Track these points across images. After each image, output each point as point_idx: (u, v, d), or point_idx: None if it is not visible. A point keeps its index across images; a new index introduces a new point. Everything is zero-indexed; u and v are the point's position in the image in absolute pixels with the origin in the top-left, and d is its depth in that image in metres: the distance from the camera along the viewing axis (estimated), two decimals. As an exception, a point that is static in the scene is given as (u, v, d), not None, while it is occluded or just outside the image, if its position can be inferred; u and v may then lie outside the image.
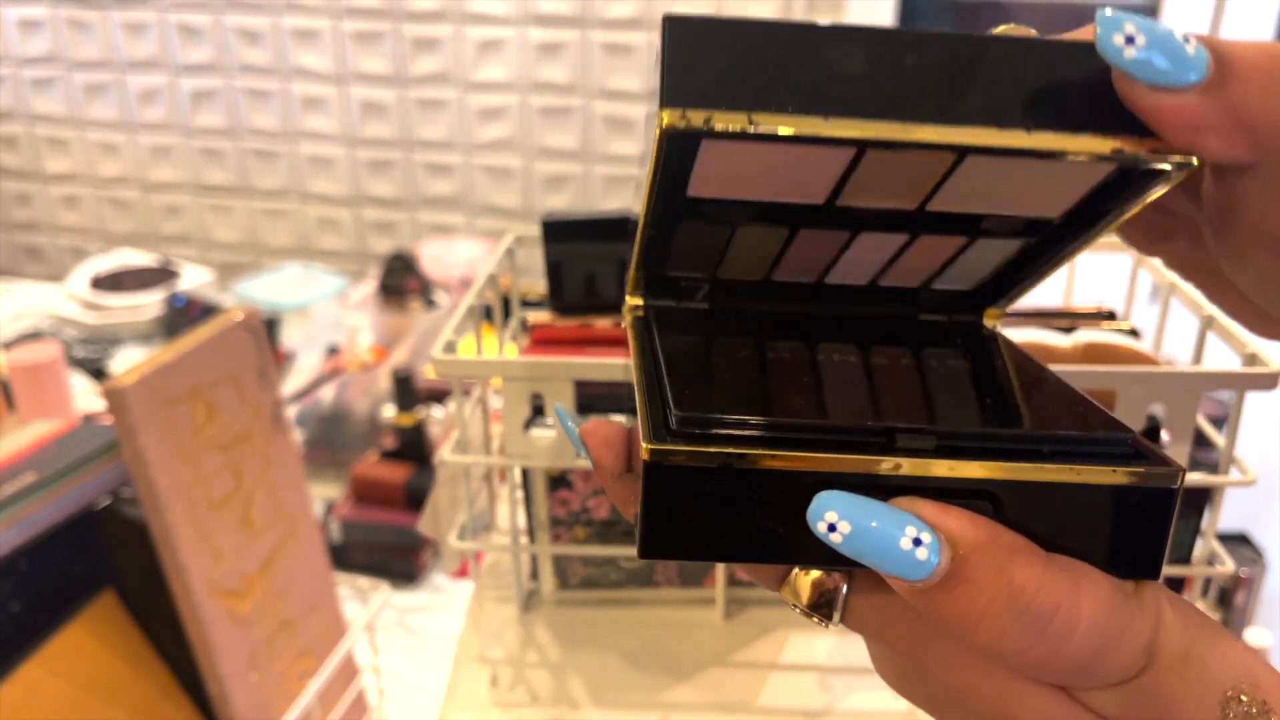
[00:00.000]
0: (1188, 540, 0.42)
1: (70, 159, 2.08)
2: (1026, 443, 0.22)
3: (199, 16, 1.89)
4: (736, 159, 0.24)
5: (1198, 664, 0.20)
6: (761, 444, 0.21)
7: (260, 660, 0.66)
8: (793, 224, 0.27)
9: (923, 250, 0.29)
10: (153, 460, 0.59)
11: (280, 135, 1.95)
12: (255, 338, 0.67)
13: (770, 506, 0.21)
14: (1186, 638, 0.21)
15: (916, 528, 0.20)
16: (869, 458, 0.21)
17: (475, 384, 0.46)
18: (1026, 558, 0.20)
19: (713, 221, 0.27)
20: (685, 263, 0.29)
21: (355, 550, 0.92)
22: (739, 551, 0.22)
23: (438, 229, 1.95)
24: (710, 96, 0.21)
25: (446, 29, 1.79)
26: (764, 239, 0.28)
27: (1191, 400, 0.38)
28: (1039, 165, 0.24)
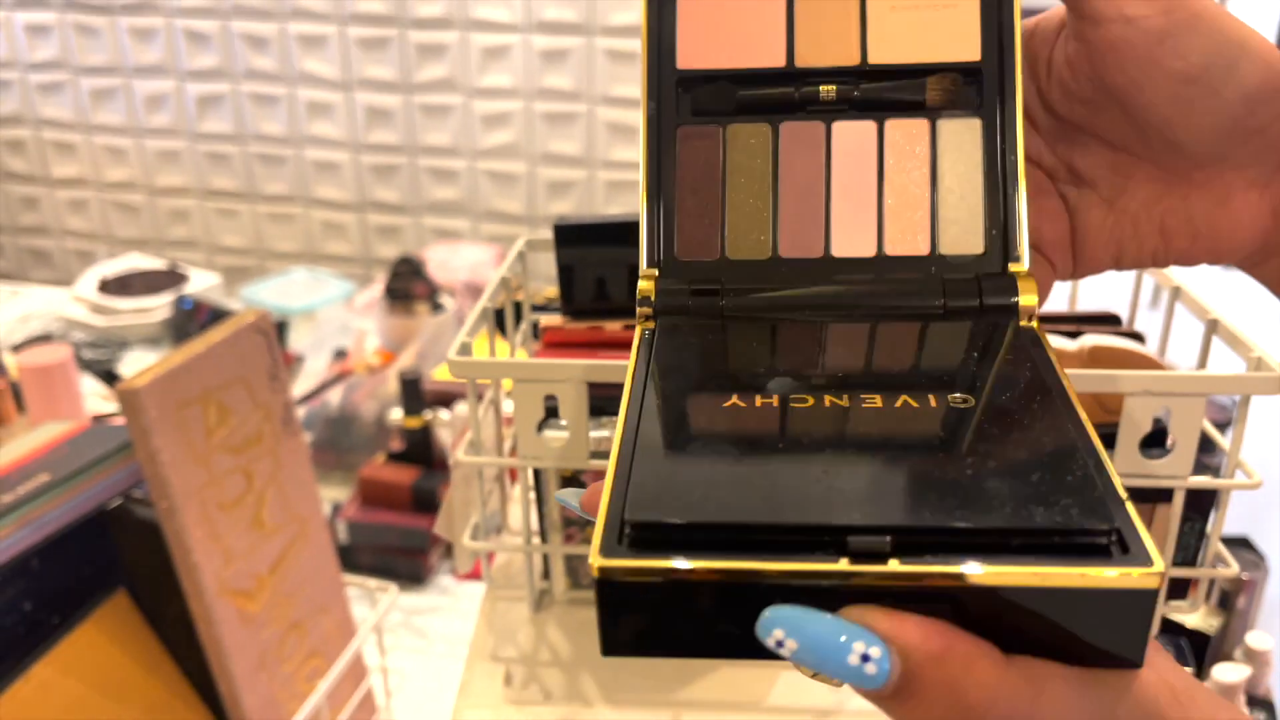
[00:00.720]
0: (1193, 543, 0.42)
1: (77, 163, 2.09)
2: (993, 536, 0.21)
3: (206, 22, 1.90)
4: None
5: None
6: (710, 551, 0.21)
7: (270, 660, 0.67)
8: (772, 115, 0.32)
9: (897, 148, 0.31)
10: (166, 461, 0.59)
11: (286, 140, 1.96)
12: (266, 340, 0.67)
13: (722, 612, 0.21)
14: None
15: (865, 642, 0.19)
16: (818, 567, 0.20)
17: (488, 386, 0.46)
18: (983, 668, 0.19)
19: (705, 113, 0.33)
20: (693, 228, 0.31)
21: (362, 551, 0.93)
22: (700, 650, 0.22)
23: (442, 234, 1.96)
24: None
25: (452, 35, 1.80)
26: (753, 147, 0.32)
27: (1197, 404, 0.38)
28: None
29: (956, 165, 0.31)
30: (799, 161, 0.32)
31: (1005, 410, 0.25)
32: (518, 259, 0.51)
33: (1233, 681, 0.65)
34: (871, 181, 0.31)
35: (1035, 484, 0.22)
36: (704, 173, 0.32)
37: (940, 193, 0.31)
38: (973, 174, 0.30)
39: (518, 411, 0.40)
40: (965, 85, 0.31)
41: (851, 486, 0.23)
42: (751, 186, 0.32)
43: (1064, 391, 0.25)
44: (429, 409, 0.95)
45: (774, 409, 0.26)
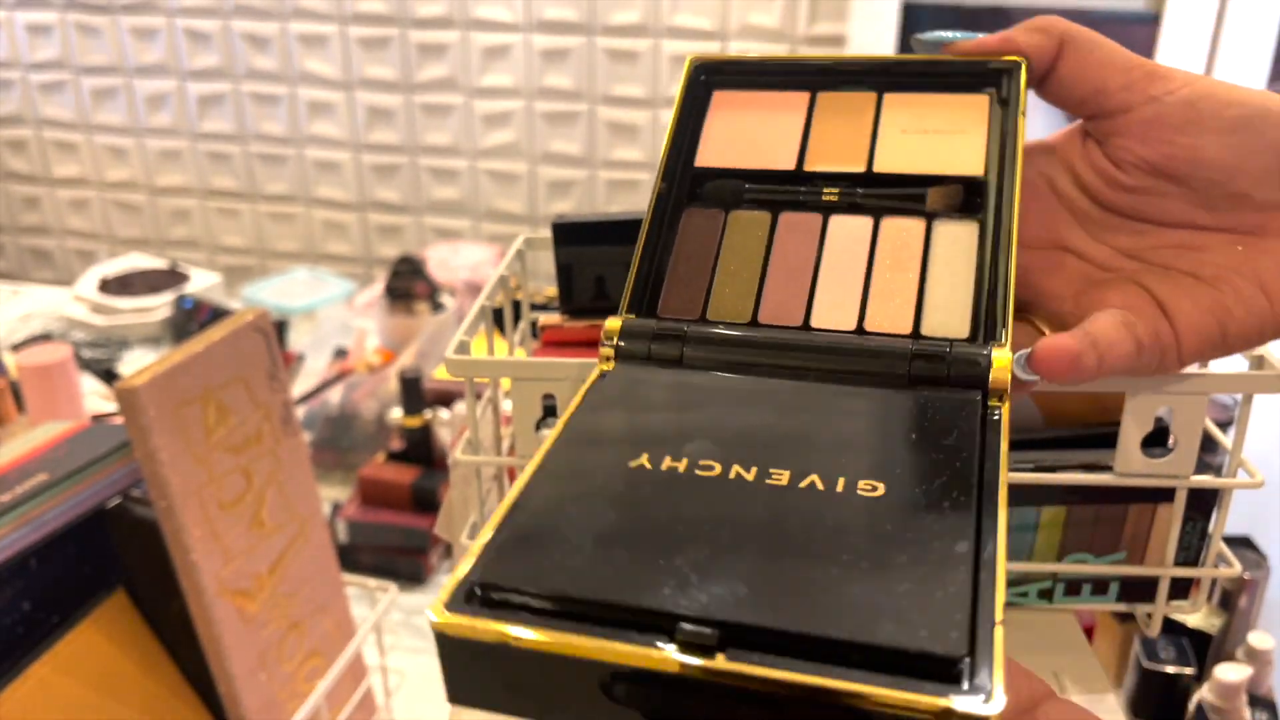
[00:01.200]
0: (1195, 543, 0.42)
1: (78, 163, 2.09)
2: (829, 645, 0.20)
3: (207, 22, 1.90)
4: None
5: None
6: (552, 620, 0.22)
7: (270, 660, 0.67)
8: (774, 208, 0.34)
9: (891, 240, 0.32)
10: (165, 460, 0.59)
11: (287, 140, 1.96)
12: (266, 339, 0.67)
13: (559, 681, 0.22)
14: None
15: None
16: (643, 652, 0.21)
17: (486, 385, 0.46)
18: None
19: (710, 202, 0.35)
20: (679, 291, 0.33)
21: (362, 551, 0.93)
22: (536, 710, 0.22)
23: (443, 233, 1.96)
24: None
25: (453, 35, 1.80)
26: (751, 229, 0.33)
27: (1199, 403, 0.38)
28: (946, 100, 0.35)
29: (950, 261, 0.32)
30: (792, 245, 0.33)
31: (911, 506, 0.24)
32: (516, 257, 0.51)
33: (1234, 681, 0.64)
34: (861, 267, 0.32)
35: (899, 595, 0.21)
36: (700, 246, 0.34)
37: (929, 282, 0.31)
38: (965, 270, 0.31)
39: (516, 410, 0.40)
40: (966, 195, 0.33)
41: (709, 573, 0.22)
42: (743, 261, 0.33)
43: (991, 489, 0.25)
44: (429, 408, 0.95)
45: (676, 476, 0.26)
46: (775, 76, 0.37)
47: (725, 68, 0.37)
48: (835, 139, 0.35)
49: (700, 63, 0.37)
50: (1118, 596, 0.43)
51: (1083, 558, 0.42)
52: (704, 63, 0.37)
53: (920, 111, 0.35)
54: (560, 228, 0.47)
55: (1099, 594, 0.43)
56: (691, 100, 0.37)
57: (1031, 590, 0.43)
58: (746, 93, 0.37)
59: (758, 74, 0.37)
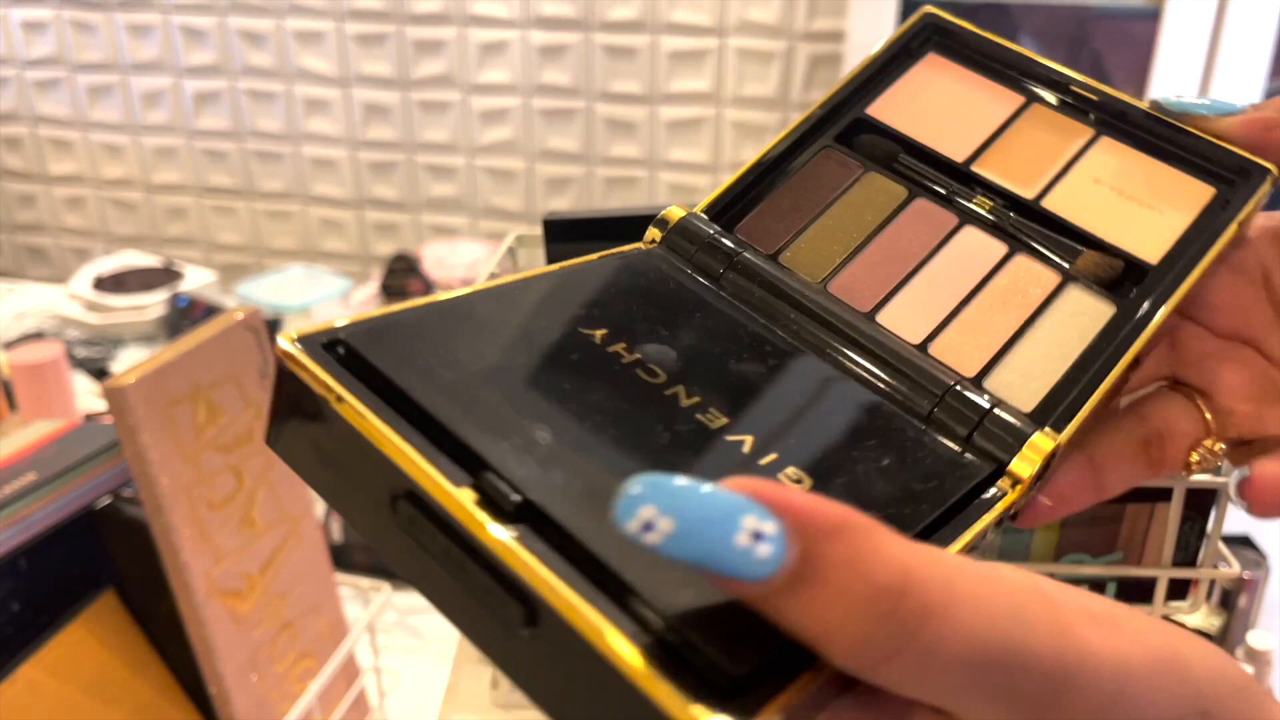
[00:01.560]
0: (1193, 543, 0.41)
1: (74, 160, 2.08)
2: (617, 583, 0.18)
3: (203, 19, 1.89)
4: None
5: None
6: (384, 403, 0.20)
7: (261, 661, 0.66)
8: (916, 189, 0.31)
9: (1014, 279, 0.29)
10: (154, 460, 0.59)
11: (284, 137, 1.96)
12: (257, 337, 0.67)
13: (356, 469, 0.20)
14: None
15: (757, 516, 0.15)
16: (439, 478, 0.19)
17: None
18: (890, 541, 0.16)
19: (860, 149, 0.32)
20: (769, 220, 0.30)
21: (356, 550, 0.92)
22: (330, 492, 0.21)
23: (440, 231, 1.95)
24: None
25: (449, 31, 1.80)
26: (879, 197, 0.31)
27: (1197, 401, 0.37)
28: (1159, 171, 0.31)
29: (1061, 330, 0.28)
30: (910, 232, 0.30)
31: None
32: (508, 254, 0.50)
33: (1234, 682, 0.64)
34: (965, 289, 0.29)
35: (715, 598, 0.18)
36: (818, 188, 0.31)
37: (1026, 340, 0.28)
38: (1072, 346, 0.27)
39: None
40: (1124, 275, 0.29)
41: (563, 457, 0.20)
42: (851, 222, 0.30)
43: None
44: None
45: (615, 361, 0.24)
46: (1002, 67, 0.33)
47: (957, 34, 0.34)
48: (1022, 154, 0.31)
49: (932, 18, 0.34)
50: (1115, 597, 0.43)
51: (1080, 558, 0.42)
52: (935, 20, 0.34)
53: (1130, 170, 0.31)
54: (552, 225, 0.47)
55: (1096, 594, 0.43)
56: (903, 48, 0.34)
57: (1028, 591, 0.43)
58: (962, 69, 0.33)
59: (987, 56, 0.33)
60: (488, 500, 0.19)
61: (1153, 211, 0.30)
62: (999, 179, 0.31)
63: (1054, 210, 0.30)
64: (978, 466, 0.25)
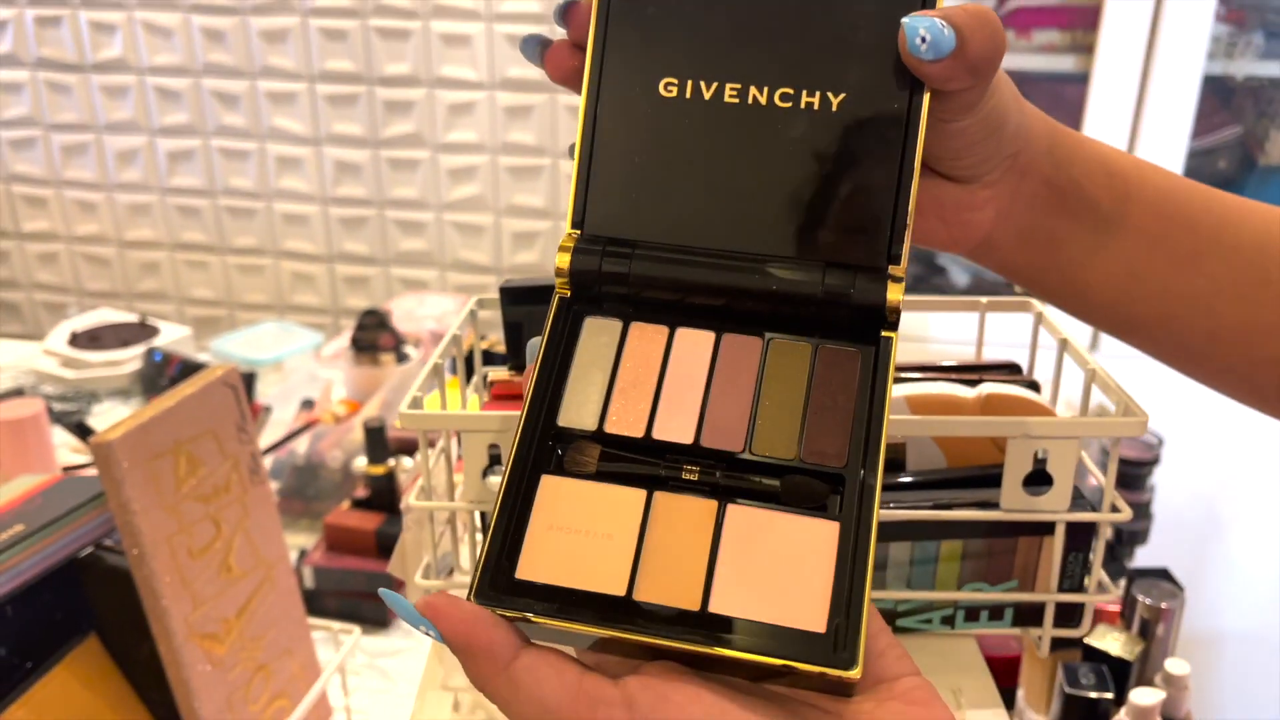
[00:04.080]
0: (1078, 572, 0.46)
1: (48, 218, 2.11)
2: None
3: (178, 80, 1.94)
4: None
5: None
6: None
7: (237, 701, 0.70)
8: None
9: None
10: (137, 510, 0.62)
11: (256, 194, 2.00)
12: (235, 393, 0.71)
13: None
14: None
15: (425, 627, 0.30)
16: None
17: (439, 435, 0.50)
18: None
19: None
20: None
21: (328, 596, 0.95)
22: None
23: (410, 284, 2.00)
24: None
25: (419, 92, 1.86)
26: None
27: (1070, 445, 0.43)
28: None
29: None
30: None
31: None
32: (469, 317, 0.55)
33: (1148, 705, 0.69)
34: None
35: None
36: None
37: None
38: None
39: (465, 459, 0.44)
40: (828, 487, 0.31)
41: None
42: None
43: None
44: (393, 457, 0.98)
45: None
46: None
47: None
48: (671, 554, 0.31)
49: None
50: (1012, 621, 0.48)
51: (979, 586, 0.47)
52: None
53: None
54: (507, 291, 0.52)
55: (996, 619, 0.48)
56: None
57: (935, 617, 0.48)
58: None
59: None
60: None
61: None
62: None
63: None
64: None
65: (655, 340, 0.33)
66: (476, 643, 0.28)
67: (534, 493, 0.30)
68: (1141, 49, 1.35)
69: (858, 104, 0.32)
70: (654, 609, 0.28)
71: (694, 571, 0.29)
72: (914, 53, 0.31)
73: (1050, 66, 1.45)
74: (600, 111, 0.33)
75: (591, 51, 0.33)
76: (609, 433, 0.31)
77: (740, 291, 0.32)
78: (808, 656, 0.27)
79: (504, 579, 0.29)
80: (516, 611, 0.29)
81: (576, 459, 0.31)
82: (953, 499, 0.46)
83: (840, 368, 0.32)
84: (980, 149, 0.35)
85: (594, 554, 0.29)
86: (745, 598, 0.28)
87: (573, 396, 0.32)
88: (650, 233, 0.33)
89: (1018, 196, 0.37)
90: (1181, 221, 0.38)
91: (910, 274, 1.64)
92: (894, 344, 0.32)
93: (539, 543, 0.30)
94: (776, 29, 0.32)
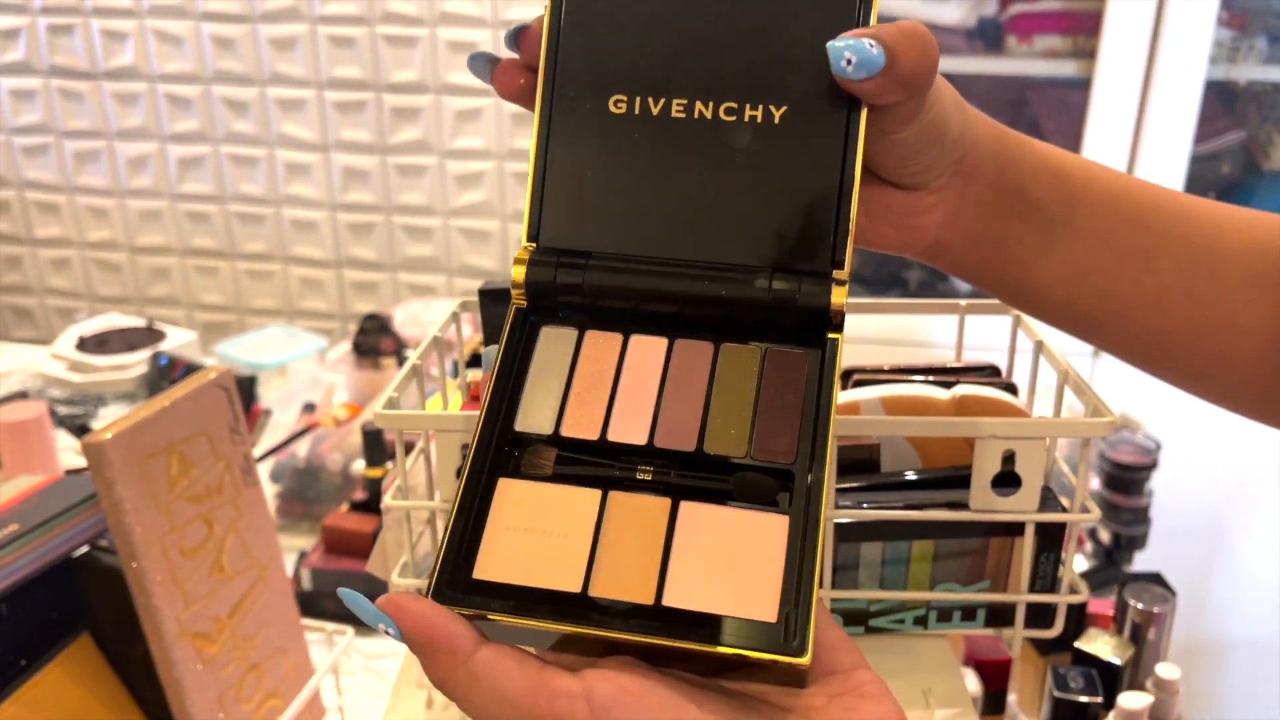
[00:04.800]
0: (1050, 572, 0.47)
1: (60, 224, 2.14)
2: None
3: (188, 88, 1.96)
4: None
5: None
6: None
7: (228, 700, 0.70)
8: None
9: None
10: (129, 510, 0.63)
11: (265, 200, 2.02)
12: (228, 395, 0.72)
13: None
14: None
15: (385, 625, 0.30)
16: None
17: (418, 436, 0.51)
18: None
19: None
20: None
21: (325, 598, 0.96)
22: None
23: (417, 290, 2.01)
24: None
25: (426, 99, 1.87)
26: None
27: (1038, 446, 0.43)
28: None
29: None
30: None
31: None
32: (451, 319, 0.56)
33: (1136, 709, 0.69)
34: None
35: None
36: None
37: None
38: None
39: (439, 459, 0.45)
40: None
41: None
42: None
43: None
44: (391, 460, 0.99)
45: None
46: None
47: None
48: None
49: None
50: (985, 622, 0.48)
51: (951, 587, 0.47)
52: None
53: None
54: (486, 293, 0.52)
55: (968, 620, 0.48)
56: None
57: (908, 617, 0.48)
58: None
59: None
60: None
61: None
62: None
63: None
64: None
65: (610, 347, 0.34)
66: (437, 638, 0.28)
67: (491, 495, 0.31)
68: (1143, 54, 1.35)
69: (799, 116, 0.33)
70: (609, 604, 0.29)
71: (648, 567, 0.29)
72: (841, 74, 0.32)
73: (1052, 72, 1.45)
74: (553, 128, 0.34)
75: (543, 71, 0.34)
76: (565, 436, 0.32)
77: (691, 298, 0.33)
78: (759, 645, 0.28)
79: (461, 579, 0.30)
80: (474, 610, 0.29)
81: (533, 461, 0.32)
82: (925, 499, 0.46)
83: (788, 369, 0.33)
84: (923, 157, 0.36)
85: (550, 553, 0.30)
86: (698, 591, 0.29)
87: (530, 402, 0.33)
88: (603, 244, 0.34)
89: (965, 200, 0.38)
90: (1130, 220, 0.38)
91: (915, 280, 1.64)
92: (839, 345, 0.32)
93: (496, 543, 0.30)
94: (720, 46, 0.33)
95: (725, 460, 0.31)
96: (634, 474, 0.31)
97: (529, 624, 0.29)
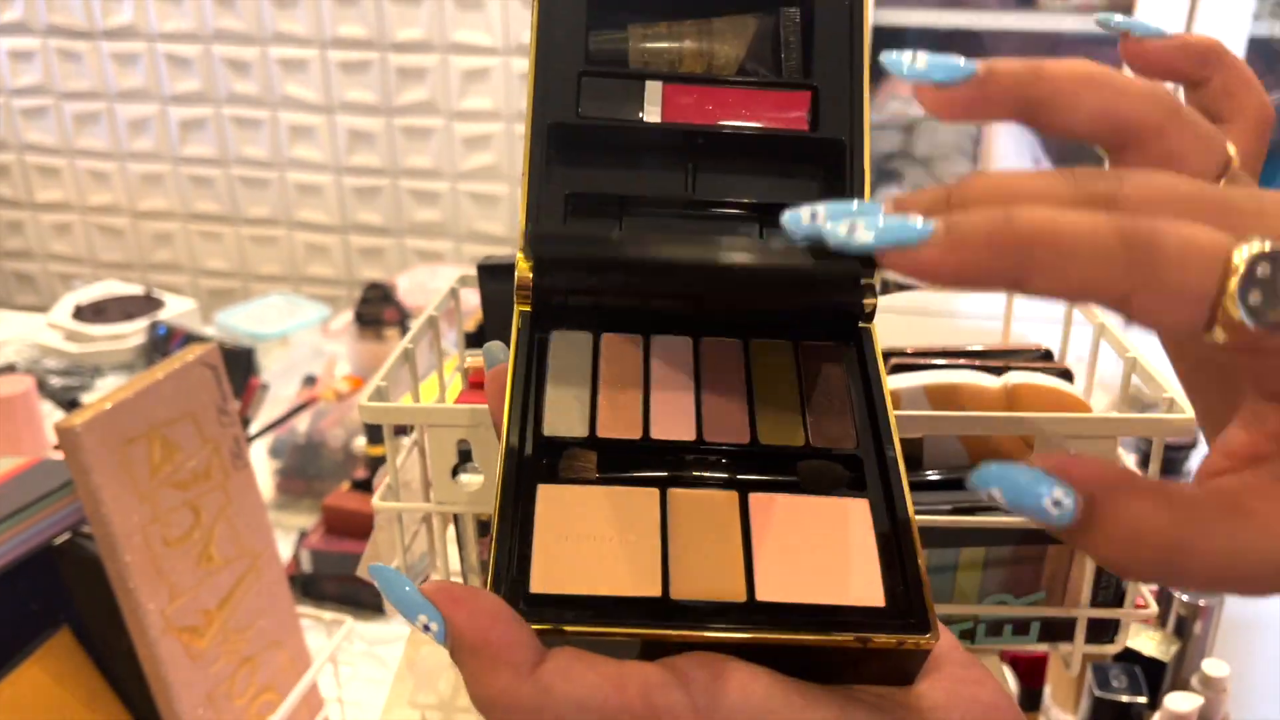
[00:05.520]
0: (1114, 582, 0.42)
1: (61, 188, 2.09)
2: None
3: (188, 47, 1.91)
4: None
5: None
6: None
7: (219, 696, 0.66)
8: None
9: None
10: (107, 498, 0.59)
11: (269, 164, 1.97)
12: (215, 374, 0.67)
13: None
14: None
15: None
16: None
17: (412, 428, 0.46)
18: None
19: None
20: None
21: (325, 581, 0.92)
22: None
23: (425, 256, 1.96)
24: None
25: (432, 59, 1.81)
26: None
27: (1108, 445, 0.38)
28: None
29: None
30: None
31: None
32: (449, 295, 0.51)
33: (1184, 711, 0.64)
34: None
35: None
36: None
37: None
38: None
39: (432, 457, 0.40)
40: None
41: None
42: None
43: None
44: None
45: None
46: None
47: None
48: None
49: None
50: (1039, 637, 0.43)
51: (1003, 599, 0.42)
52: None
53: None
54: (485, 269, 0.48)
55: (1020, 634, 0.43)
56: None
57: (954, 631, 0.43)
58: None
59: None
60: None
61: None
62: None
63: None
64: None
65: (631, 349, 0.31)
66: (495, 642, 0.23)
67: (533, 503, 0.28)
68: (1184, 10, 1.28)
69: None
70: (698, 605, 0.26)
71: (731, 564, 0.27)
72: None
73: (1087, 29, 1.38)
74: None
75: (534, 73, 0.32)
76: (603, 438, 0.29)
77: (718, 276, 0.29)
78: (880, 629, 0.25)
79: (519, 595, 0.26)
80: (548, 623, 0.25)
81: (574, 465, 0.29)
82: (974, 501, 0.41)
83: (824, 360, 0.31)
84: None
85: (615, 558, 0.27)
86: (791, 583, 0.26)
87: (554, 408, 0.30)
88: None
89: None
90: None
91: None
92: (874, 334, 0.31)
93: (550, 554, 0.27)
94: None
95: (783, 449, 0.29)
96: (690, 469, 0.29)
97: (614, 632, 0.25)
